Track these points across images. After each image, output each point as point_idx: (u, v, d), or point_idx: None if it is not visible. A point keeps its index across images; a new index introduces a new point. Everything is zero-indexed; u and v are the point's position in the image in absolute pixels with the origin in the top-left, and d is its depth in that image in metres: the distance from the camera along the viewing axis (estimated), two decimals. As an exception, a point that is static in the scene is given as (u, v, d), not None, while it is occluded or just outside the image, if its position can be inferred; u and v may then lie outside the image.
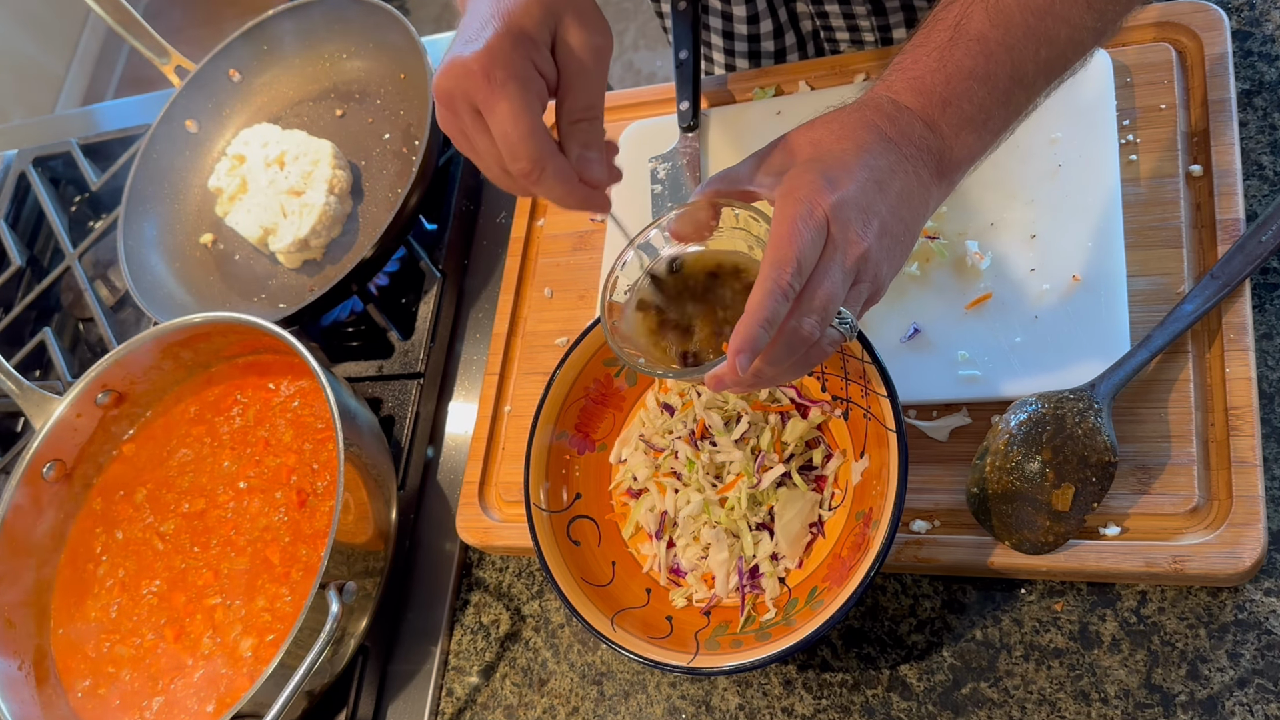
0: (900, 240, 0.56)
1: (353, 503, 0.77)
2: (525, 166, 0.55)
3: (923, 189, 0.57)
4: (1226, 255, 0.67)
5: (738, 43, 1.01)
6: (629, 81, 2.55)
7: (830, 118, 0.58)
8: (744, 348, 0.52)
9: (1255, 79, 0.76)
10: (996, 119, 0.58)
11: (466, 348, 0.97)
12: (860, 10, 0.92)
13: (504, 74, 0.54)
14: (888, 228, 0.55)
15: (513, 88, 0.54)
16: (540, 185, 0.57)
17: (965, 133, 0.57)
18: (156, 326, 0.90)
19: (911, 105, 0.57)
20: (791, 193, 0.54)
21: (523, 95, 0.54)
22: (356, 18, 1.07)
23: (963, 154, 0.58)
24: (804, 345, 0.54)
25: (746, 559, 0.71)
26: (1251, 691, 0.61)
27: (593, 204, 0.60)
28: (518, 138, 0.55)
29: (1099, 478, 0.65)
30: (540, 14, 0.56)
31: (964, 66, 0.56)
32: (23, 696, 0.84)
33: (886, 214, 0.55)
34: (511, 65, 0.54)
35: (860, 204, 0.54)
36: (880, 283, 0.57)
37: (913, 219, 0.57)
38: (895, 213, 0.55)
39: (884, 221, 0.54)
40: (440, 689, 0.82)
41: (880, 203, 0.54)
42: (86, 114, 1.39)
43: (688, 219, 0.61)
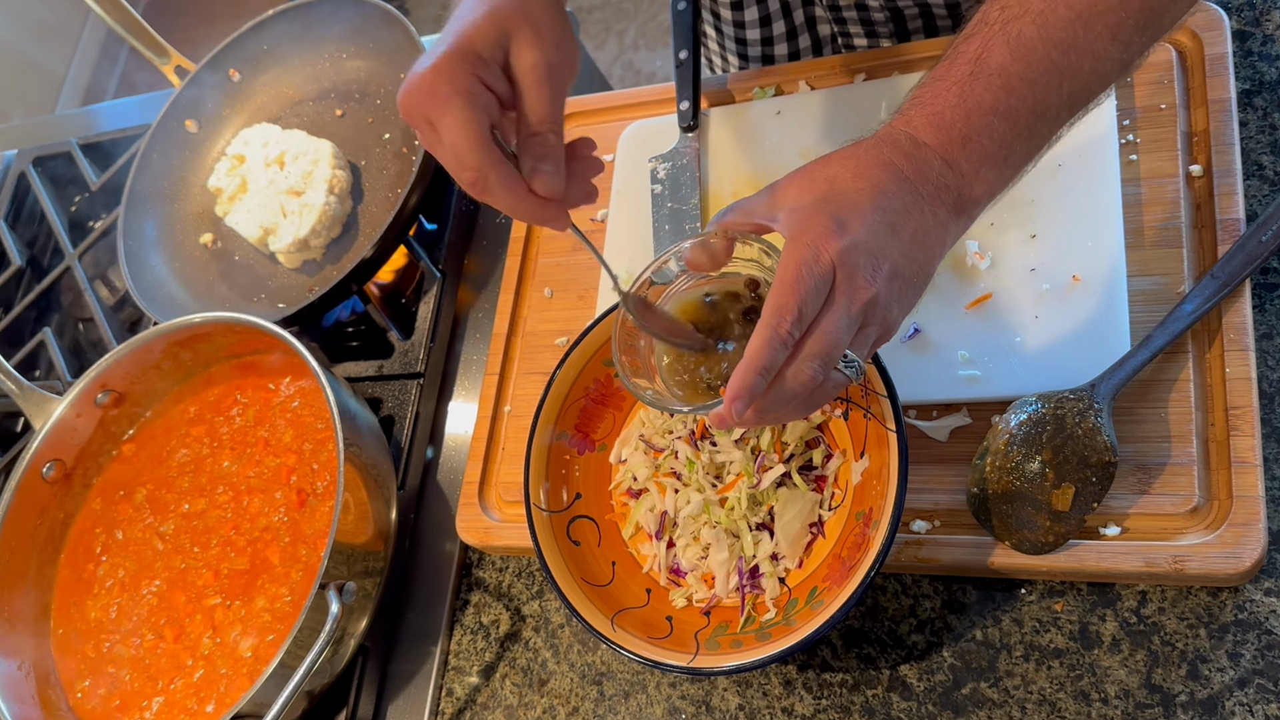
0: (913, 281, 0.55)
1: (353, 503, 0.77)
2: (470, 176, 0.57)
3: (939, 227, 0.56)
4: (1226, 255, 0.67)
5: (750, 48, 1.01)
6: (629, 81, 2.55)
7: (847, 153, 0.57)
8: (740, 394, 0.53)
9: (1255, 79, 0.76)
10: (1018, 154, 0.57)
11: (466, 348, 0.97)
12: (879, 17, 0.92)
13: (448, 89, 0.57)
14: (899, 270, 0.54)
15: (456, 101, 0.57)
16: (488, 195, 0.58)
17: (985, 169, 0.56)
18: (156, 326, 0.90)
19: (930, 142, 0.56)
20: (799, 236, 0.54)
21: (466, 108, 0.57)
22: (356, 18, 1.07)
23: (982, 190, 0.57)
24: (805, 389, 0.54)
25: (746, 559, 0.71)
26: (1251, 691, 0.61)
27: (544, 217, 0.60)
28: (461, 148, 0.57)
29: (1099, 478, 0.65)
30: (493, 33, 0.58)
31: (984, 102, 0.55)
32: (23, 696, 0.84)
33: (898, 256, 0.54)
34: (456, 80, 0.57)
35: (870, 248, 0.53)
36: (890, 324, 0.56)
37: (927, 259, 0.56)
38: (908, 254, 0.55)
39: (895, 264, 0.54)
40: (440, 689, 0.82)
41: (892, 245, 0.54)
42: (86, 114, 1.39)
43: (703, 249, 0.61)
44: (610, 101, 0.98)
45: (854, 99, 0.85)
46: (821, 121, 0.86)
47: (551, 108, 0.59)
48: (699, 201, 0.86)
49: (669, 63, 1.12)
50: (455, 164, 0.58)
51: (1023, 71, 0.55)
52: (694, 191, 0.87)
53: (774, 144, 0.87)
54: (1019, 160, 0.57)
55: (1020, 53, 0.55)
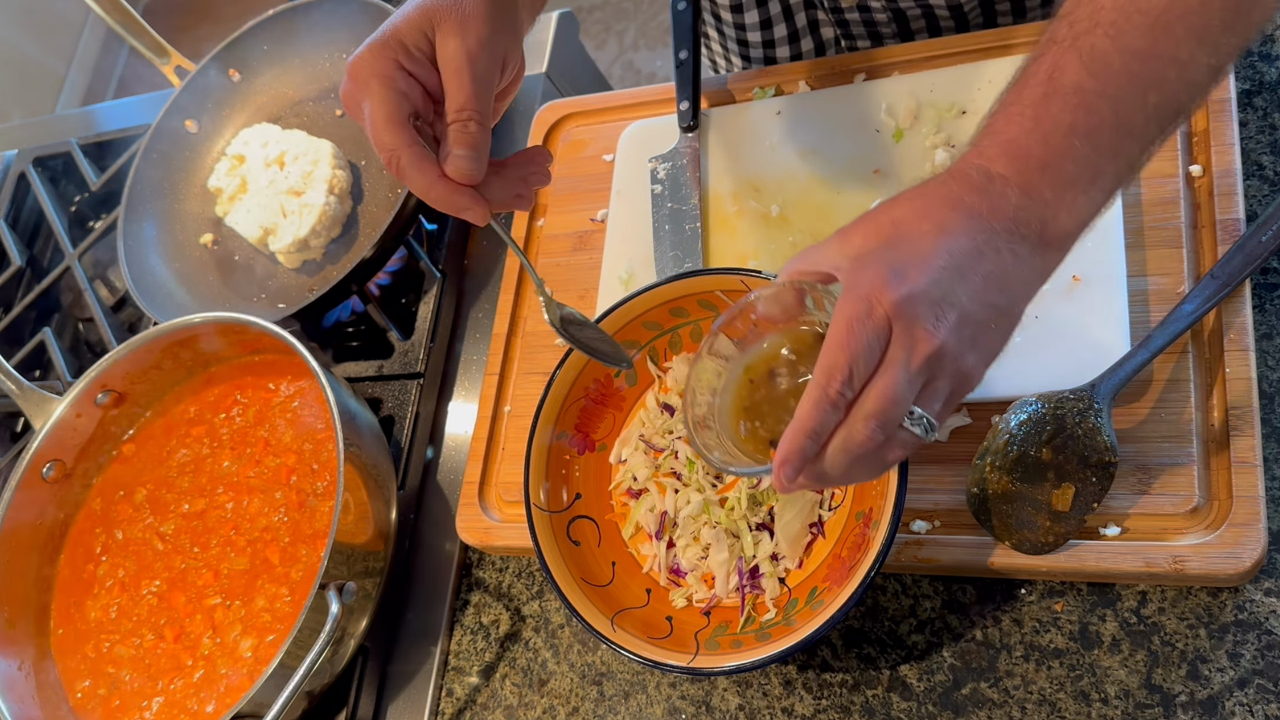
0: (989, 327, 0.52)
1: (353, 503, 0.77)
2: (385, 156, 0.59)
3: (1021, 265, 0.52)
4: (1226, 255, 0.67)
5: (752, 49, 1.01)
6: (629, 81, 2.55)
7: (916, 192, 0.54)
8: (788, 459, 0.51)
9: (1255, 79, 0.76)
10: (1106, 175, 0.53)
11: (466, 348, 0.97)
12: (881, 18, 0.92)
13: (367, 74, 0.59)
14: (970, 317, 0.51)
15: (374, 85, 0.59)
16: (402, 176, 0.60)
17: (1071, 196, 0.52)
18: (156, 326, 0.90)
19: (1005, 172, 0.52)
20: (854, 289, 0.51)
21: (382, 90, 0.59)
22: (356, 17, 1.07)
23: (1070, 220, 0.53)
24: (864, 450, 0.51)
25: (746, 559, 0.71)
26: (1251, 692, 0.61)
27: (458, 204, 0.60)
28: (378, 129, 0.59)
29: (1099, 478, 0.65)
30: (420, 24, 0.60)
31: (1062, 123, 0.52)
32: (23, 696, 0.84)
33: (968, 302, 0.51)
34: (374, 66, 0.59)
35: (932, 297, 0.50)
36: (966, 373, 0.52)
37: (1009, 301, 0.52)
38: (981, 299, 0.51)
39: (964, 311, 0.50)
40: (440, 689, 0.82)
41: (960, 291, 0.50)
42: (86, 114, 1.39)
43: (775, 302, 0.59)
44: (610, 101, 0.98)
45: (854, 99, 0.85)
46: (821, 121, 0.86)
47: (471, 97, 0.60)
48: (699, 201, 0.87)
49: (669, 63, 1.12)
50: (375, 145, 0.60)
51: (1100, 88, 0.51)
52: (694, 191, 0.87)
53: (774, 144, 0.87)
54: (1108, 183, 0.53)
55: (1095, 68, 0.51)
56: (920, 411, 0.52)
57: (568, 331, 0.67)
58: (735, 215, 0.86)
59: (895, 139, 0.82)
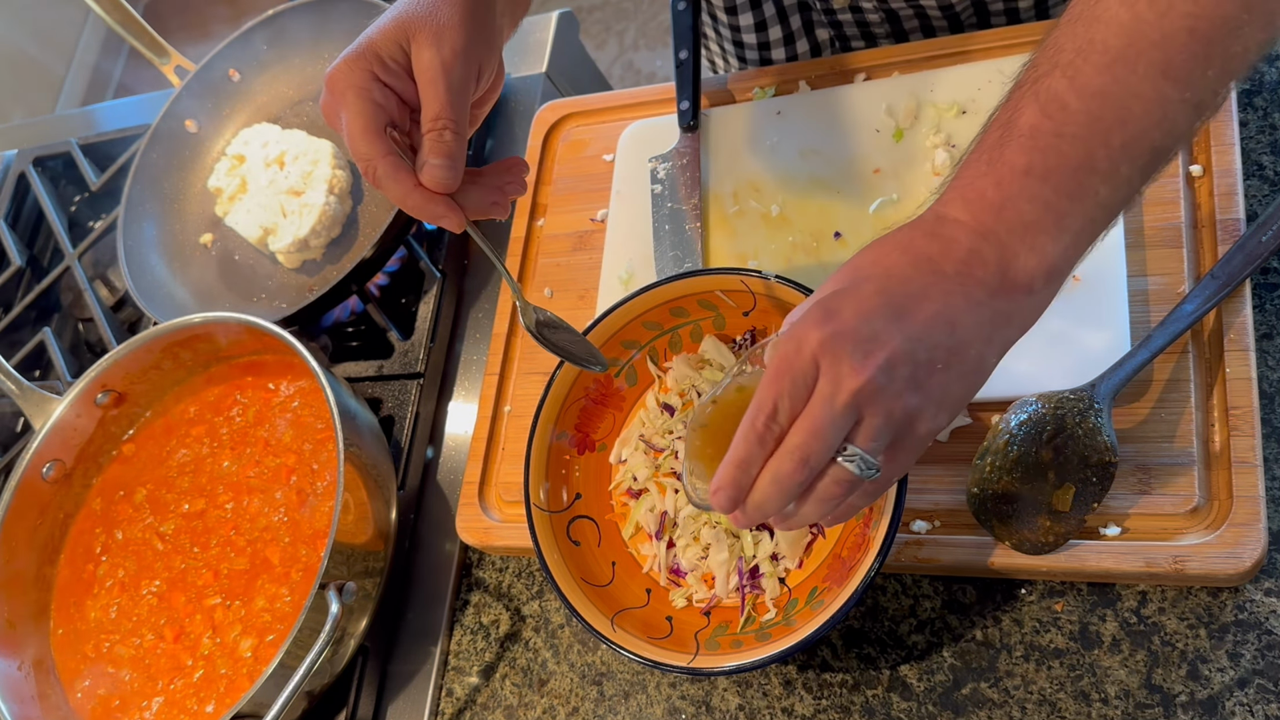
0: (936, 368, 0.51)
1: (353, 503, 0.77)
2: (361, 166, 0.60)
3: (976, 308, 0.52)
4: (1226, 255, 0.67)
5: (748, 51, 1.01)
6: (629, 81, 2.55)
7: (880, 239, 0.55)
8: (720, 486, 0.54)
9: (1255, 79, 0.76)
10: (1073, 216, 0.51)
11: (466, 348, 0.97)
12: (874, 19, 0.92)
13: (343, 85, 0.60)
14: (905, 356, 0.50)
15: (350, 96, 0.60)
16: (379, 185, 0.61)
17: (1031, 236, 0.51)
18: (156, 326, 0.90)
19: (960, 216, 0.52)
20: (789, 328, 0.53)
21: (358, 102, 0.60)
22: (356, 17, 1.07)
23: (1034, 261, 0.51)
24: (791, 481, 0.52)
25: (746, 559, 0.71)
26: (1252, 692, 0.61)
27: (434, 212, 0.61)
28: (354, 139, 0.60)
29: (1099, 478, 0.65)
30: (396, 35, 0.61)
31: (1017, 165, 0.51)
32: (23, 696, 0.84)
33: (902, 342, 0.50)
34: (350, 78, 0.60)
35: (860, 335, 0.50)
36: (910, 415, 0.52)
37: (958, 343, 0.51)
38: (920, 339, 0.51)
39: (897, 351, 0.50)
40: (440, 689, 0.82)
41: (893, 331, 0.50)
42: (86, 114, 1.39)
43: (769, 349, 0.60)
44: (610, 101, 0.98)
45: (854, 99, 0.85)
46: (821, 121, 0.86)
47: (446, 106, 0.61)
48: (699, 201, 0.87)
49: (669, 63, 1.12)
50: (352, 155, 0.61)
51: (1056, 128, 0.51)
52: (694, 191, 0.87)
53: (774, 144, 0.87)
54: (1076, 223, 0.52)
55: (1051, 109, 0.51)
56: (855, 449, 0.52)
57: (542, 335, 0.68)
58: (735, 215, 0.86)
59: (895, 139, 0.82)
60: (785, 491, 0.53)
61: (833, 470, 0.52)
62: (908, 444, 0.53)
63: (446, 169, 0.60)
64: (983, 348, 0.53)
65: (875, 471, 0.52)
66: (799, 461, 0.52)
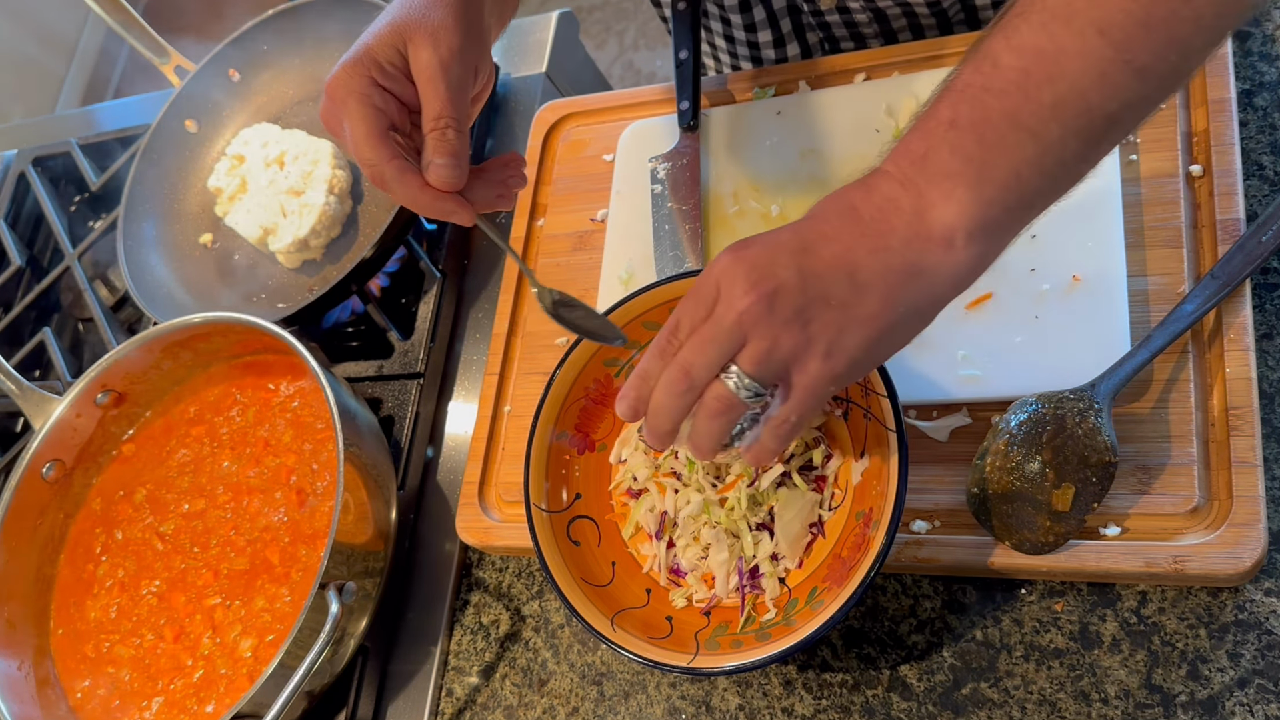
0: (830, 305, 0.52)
1: (352, 503, 0.77)
2: (368, 170, 0.61)
3: (883, 253, 0.52)
4: (1226, 255, 0.67)
5: (739, 47, 1.01)
6: (629, 81, 2.55)
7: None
8: (623, 395, 0.58)
9: (1255, 79, 0.76)
10: (995, 168, 0.50)
11: (466, 348, 0.97)
12: (862, 19, 0.92)
13: (344, 92, 0.61)
14: (796, 289, 0.51)
15: (352, 103, 0.61)
16: (386, 188, 0.62)
17: (950, 185, 0.51)
18: (156, 326, 0.90)
19: (888, 168, 0.53)
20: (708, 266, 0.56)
21: (360, 108, 0.61)
22: (356, 17, 1.07)
23: (954, 211, 0.51)
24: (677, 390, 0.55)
25: (746, 559, 0.71)
26: (1252, 692, 0.61)
27: (443, 210, 0.63)
28: (359, 144, 0.61)
29: (1099, 478, 0.65)
30: (392, 40, 0.62)
31: (943, 118, 0.52)
32: (23, 696, 0.84)
33: (795, 276, 0.51)
34: (350, 84, 0.61)
35: (758, 263, 0.52)
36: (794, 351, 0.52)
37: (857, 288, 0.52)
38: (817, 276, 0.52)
39: (787, 282, 0.51)
40: (440, 689, 0.82)
41: (791, 264, 0.52)
42: (86, 114, 1.39)
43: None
44: (610, 101, 0.98)
45: (854, 99, 0.85)
46: (821, 121, 0.86)
47: (447, 104, 0.62)
48: (699, 201, 0.86)
49: (669, 63, 1.12)
50: (357, 160, 0.61)
51: (985, 82, 0.50)
52: (694, 191, 0.87)
53: (774, 144, 0.87)
54: (998, 175, 0.51)
55: (984, 66, 0.51)
56: (735, 368, 0.53)
57: (560, 315, 0.69)
58: (735, 215, 0.86)
59: (895, 139, 0.82)
60: (673, 401, 0.55)
61: (714, 385, 0.55)
62: (800, 386, 0.54)
63: (452, 167, 0.62)
64: (883, 299, 0.52)
65: (753, 396, 0.54)
66: (683, 371, 0.54)
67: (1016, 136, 0.50)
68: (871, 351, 0.54)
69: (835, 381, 0.54)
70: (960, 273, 0.53)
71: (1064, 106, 0.49)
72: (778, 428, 0.56)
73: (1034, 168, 0.51)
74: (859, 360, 0.54)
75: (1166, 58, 0.49)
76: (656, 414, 0.57)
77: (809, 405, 0.55)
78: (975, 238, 0.52)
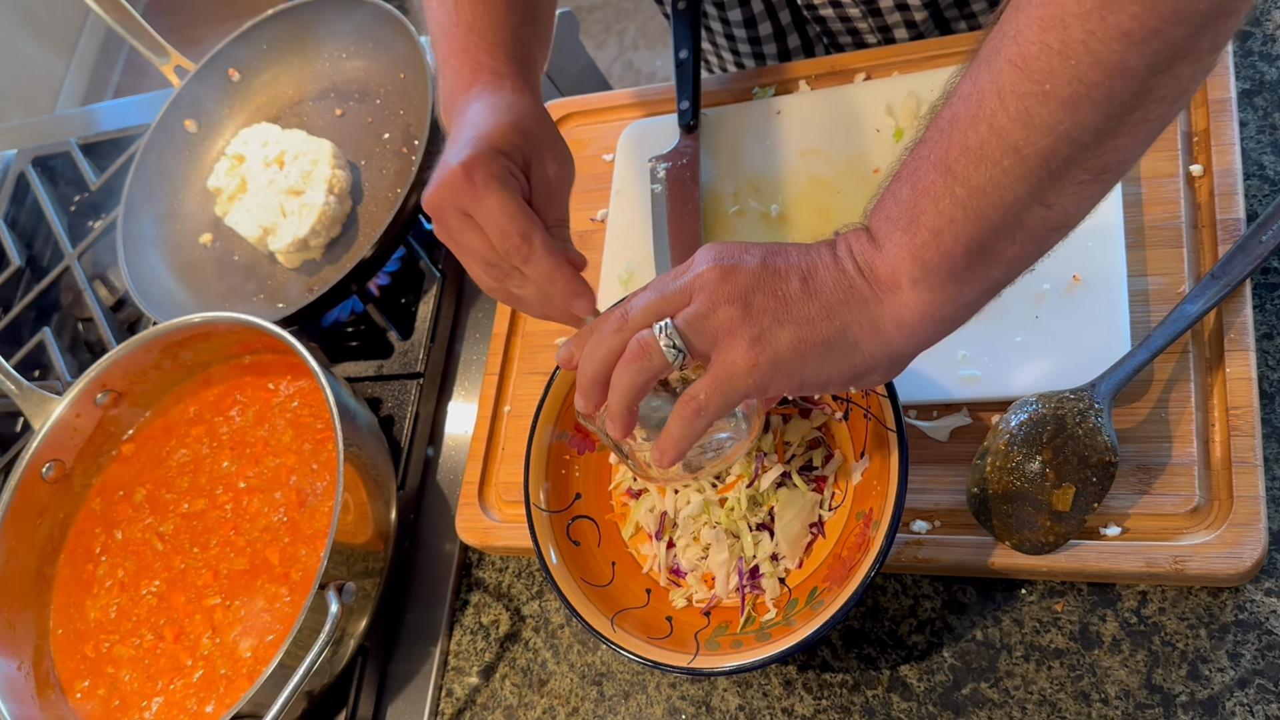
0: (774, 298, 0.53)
1: (352, 503, 0.77)
2: (516, 241, 0.62)
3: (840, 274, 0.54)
4: (1227, 255, 0.67)
5: (739, 44, 1.01)
6: (629, 81, 2.55)
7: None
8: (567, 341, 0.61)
9: (1255, 79, 0.76)
10: (925, 213, 0.51)
11: (466, 348, 0.97)
12: (855, 14, 0.92)
13: (484, 175, 0.62)
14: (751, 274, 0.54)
15: (494, 184, 0.62)
16: (530, 260, 0.63)
17: (888, 228, 0.53)
18: (156, 326, 0.90)
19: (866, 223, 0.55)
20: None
21: (504, 189, 0.62)
22: (356, 17, 1.07)
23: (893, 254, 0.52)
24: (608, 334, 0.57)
25: (746, 559, 0.71)
26: (1252, 692, 0.61)
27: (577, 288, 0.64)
28: (506, 218, 0.62)
29: (1099, 478, 0.65)
30: (517, 139, 0.65)
31: (892, 170, 0.54)
32: (22, 696, 0.84)
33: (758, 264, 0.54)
34: (490, 168, 0.62)
35: (729, 248, 0.55)
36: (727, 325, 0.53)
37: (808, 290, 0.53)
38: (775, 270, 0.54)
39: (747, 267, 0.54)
40: (440, 689, 0.82)
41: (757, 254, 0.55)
42: (86, 114, 1.39)
43: None
44: (610, 101, 0.98)
45: (854, 99, 0.85)
46: (821, 121, 0.86)
47: (566, 210, 0.68)
48: (699, 201, 0.86)
49: (669, 63, 1.12)
50: (498, 236, 0.62)
51: (926, 134, 0.52)
52: (694, 191, 0.87)
53: (774, 144, 0.87)
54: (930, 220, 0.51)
55: (930, 119, 0.52)
56: (668, 321, 0.55)
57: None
58: (735, 215, 0.86)
59: (895, 139, 0.82)
60: (602, 343, 0.57)
61: (642, 332, 0.55)
62: (719, 363, 0.54)
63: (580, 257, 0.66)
64: (825, 308, 0.53)
65: (673, 349, 0.54)
66: (620, 315, 0.57)
67: (944, 181, 0.50)
68: (799, 354, 0.53)
69: (754, 372, 0.53)
70: (904, 317, 0.53)
71: (987, 146, 0.48)
72: (686, 404, 0.55)
73: (967, 211, 0.50)
74: (783, 359, 0.53)
75: (1096, 82, 0.45)
76: (586, 358, 0.58)
77: (721, 387, 0.54)
78: (918, 283, 0.52)
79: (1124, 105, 0.46)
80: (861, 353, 0.54)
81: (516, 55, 0.70)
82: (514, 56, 0.70)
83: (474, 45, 0.70)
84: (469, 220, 0.63)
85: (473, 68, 0.69)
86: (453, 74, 0.70)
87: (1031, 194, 0.49)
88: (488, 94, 0.67)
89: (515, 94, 0.68)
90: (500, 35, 0.70)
